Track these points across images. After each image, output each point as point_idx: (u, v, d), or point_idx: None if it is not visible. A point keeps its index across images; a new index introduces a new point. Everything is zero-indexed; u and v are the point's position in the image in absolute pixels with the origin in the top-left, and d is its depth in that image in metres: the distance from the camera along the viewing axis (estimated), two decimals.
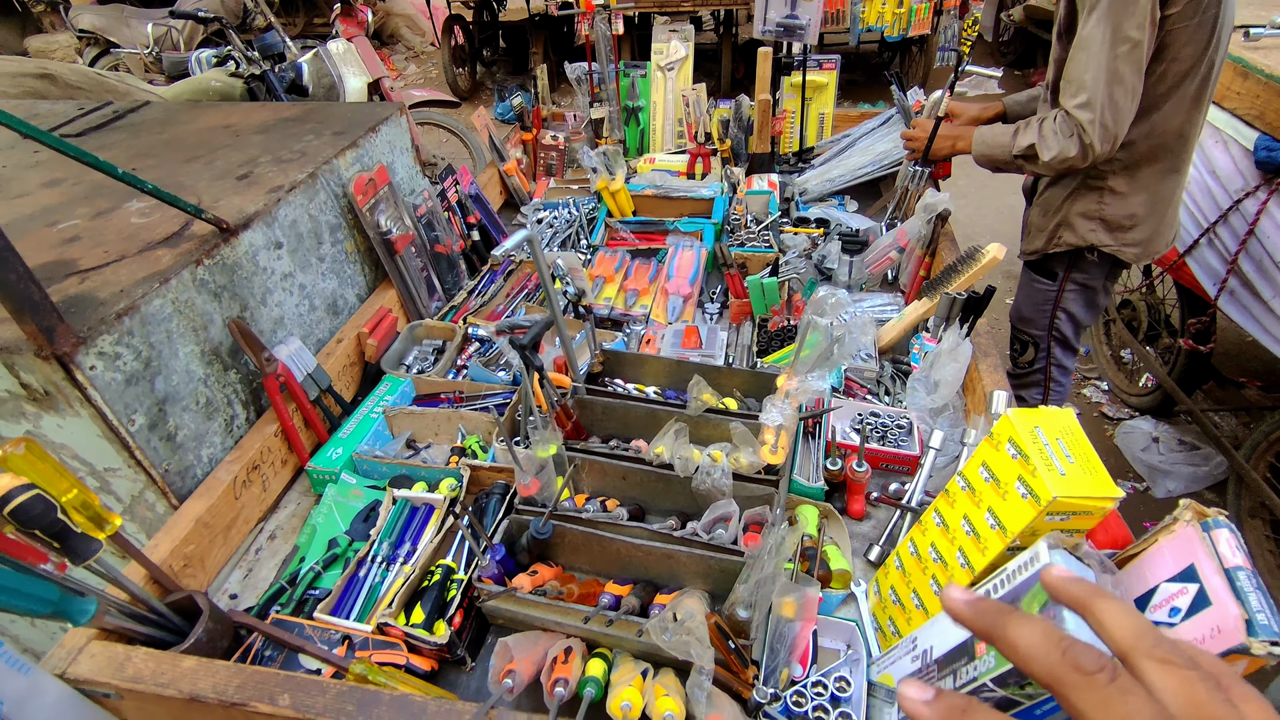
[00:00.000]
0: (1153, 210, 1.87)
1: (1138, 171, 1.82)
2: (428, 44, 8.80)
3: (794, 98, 2.64)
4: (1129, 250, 1.91)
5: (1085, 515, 0.85)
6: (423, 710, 0.95)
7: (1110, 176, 1.85)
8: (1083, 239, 1.94)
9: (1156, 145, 1.78)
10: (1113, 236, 1.91)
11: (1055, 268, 2.06)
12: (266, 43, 3.99)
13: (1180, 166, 1.83)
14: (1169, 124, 1.74)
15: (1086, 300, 2.09)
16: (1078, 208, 1.93)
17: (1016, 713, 0.86)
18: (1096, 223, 1.91)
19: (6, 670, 0.91)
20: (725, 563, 1.16)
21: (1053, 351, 2.21)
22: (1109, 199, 1.87)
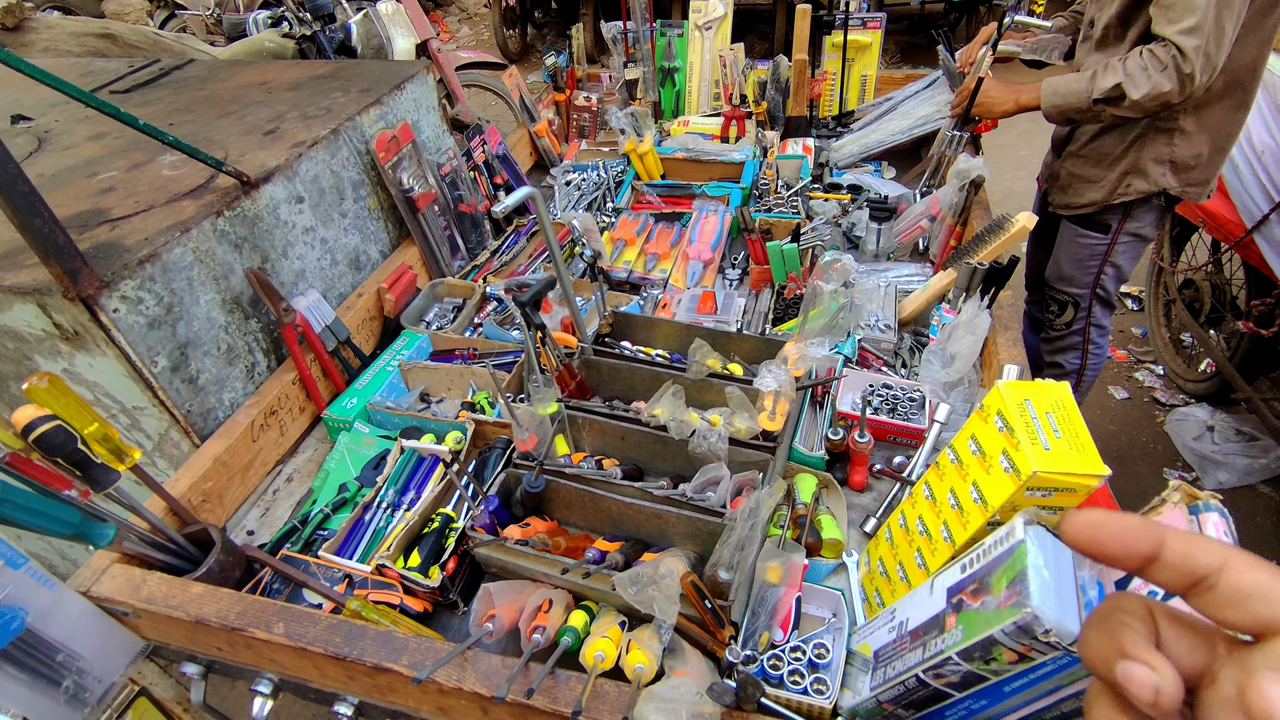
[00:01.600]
0: (1218, 148, 1.80)
1: (1206, 109, 1.73)
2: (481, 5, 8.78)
3: (836, 58, 2.53)
4: (1193, 190, 1.84)
5: (1068, 492, 0.82)
6: (404, 646, 0.99)
7: (1181, 116, 1.76)
8: (1155, 184, 1.85)
9: (1230, 80, 1.68)
10: (1180, 178, 1.83)
11: (1109, 219, 1.98)
12: (317, 3, 4.05)
13: (1247, 102, 1.75)
14: (1245, 57, 1.65)
15: (1135, 252, 2.03)
16: (1149, 153, 1.83)
17: (983, 688, 0.84)
18: (1166, 166, 1.82)
19: (33, 584, 0.99)
20: (712, 525, 1.16)
21: (1093, 310, 2.12)
22: (1179, 140, 1.78)
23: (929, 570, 1.00)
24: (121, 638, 1.13)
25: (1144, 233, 2.01)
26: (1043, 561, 0.75)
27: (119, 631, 1.13)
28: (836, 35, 2.46)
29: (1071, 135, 2.00)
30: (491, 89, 5.01)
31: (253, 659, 1.10)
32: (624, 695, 0.92)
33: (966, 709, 0.88)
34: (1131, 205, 1.94)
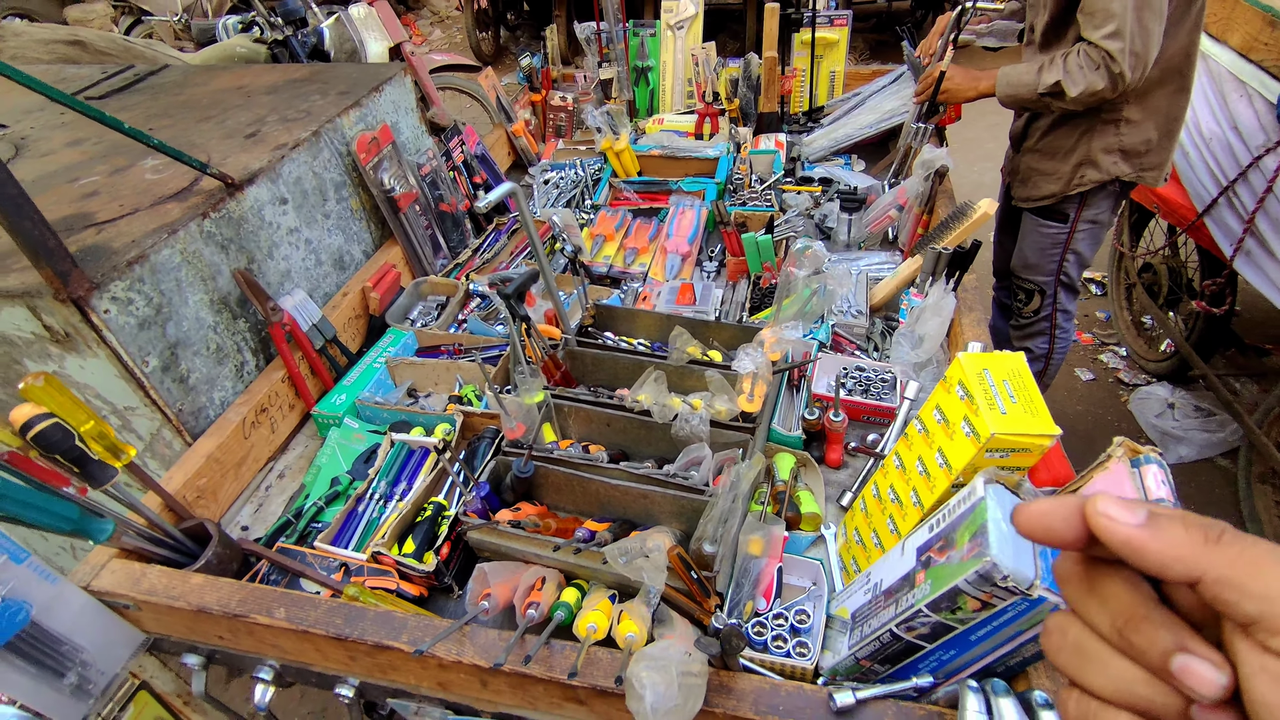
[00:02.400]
0: (1166, 132, 1.89)
1: (1149, 96, 1.82)
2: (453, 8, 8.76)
3: (805, 55, 2.60)
4: (1149, 175, 1.93)
5: (1024, 453, 0.88)
6: (403, 624, 1.03)
7: (1125, 107, 1.85)
8: (1108, 173, 1.94)
9: (1166, 68, 1.78)
10: (1132, 164, 1.92)
11: (1067, 209, 2.07)
12: (289, 8, 4.05)
13: (1187, 86, 1.85)
14: (1176, 45, 1.74)
15: (1095, 238, 2.12)
16: (1098, 144, 1.92)
17: (950, 638, 0.90)
18: (1117, 154, 1.92)
19: (36, 578, 1.01)
20: (696, 502, 1.22)
21: (1059, 296, 2.21)
22: (1125, 129, 1.87)
23: (900, 534, 1.06)
24: (122, 631, 1.16)
25: (1101, 219, 2.10)
26: (1001, 515, 0.81)
27: (120, 625, 1.15)
28: (805, 33, 2.53)
29: (1027, 132, 2.09)
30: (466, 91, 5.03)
31: (254, 646, 1.13)
32: (616, 660, 0.97)
33: (937, 660, 0.94)
34: (1087, 194, 2.03)
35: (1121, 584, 0.34)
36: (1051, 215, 2.12)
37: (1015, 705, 0.80)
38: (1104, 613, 0.34)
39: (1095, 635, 0.34)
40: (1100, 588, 0.34)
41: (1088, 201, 2.04)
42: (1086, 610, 0.34)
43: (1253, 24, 2.17)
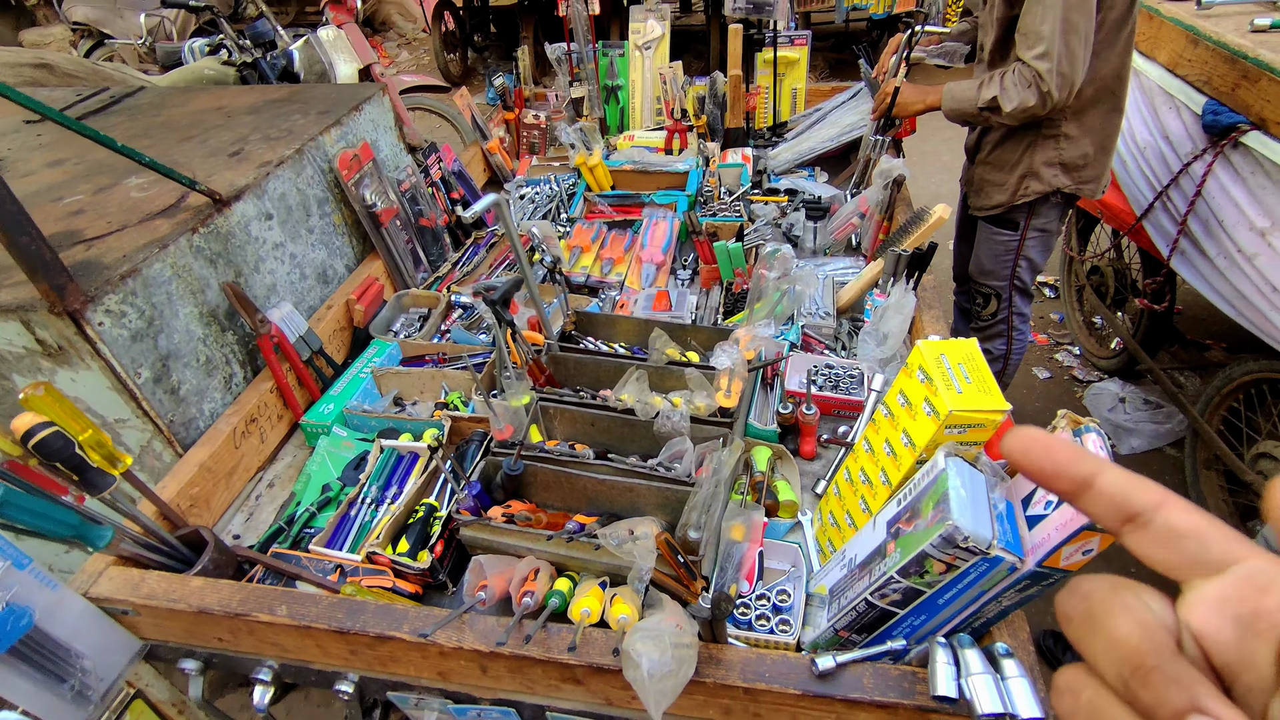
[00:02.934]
0: (1102, 147, 2.03)
1: (1085, 115, 1.96)
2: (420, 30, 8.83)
3: (767, 74, 2.72)
4: (1087, 187, 2.07)
5: (979, 428, 0.97)
6: (404, 615, 1.07)
7: (1063, 123, 1.99)
8: (1049, 184, 2.08)
9: (1100, 88, 1.92)
10: (1072, 177, 2.05)
11: (1017, 218, 2.20)
12: (258, 30, 4.07)
13: (1120, 105, 1.99)
14: (1108, 67, 1.89)
15: (1045, 245, 2.24)
16: (1040, 157, 2.05)
17: (920, 603, 0.98)
18: (1057, 168, 2.05)
19: (37, 584, 1.03)
20: (679, 493, 1.28)
21: (1014, 300, 2.33)
22: (1064, 144, 2.01)
23: (872, 513, 1.13)
24: (120, 637, 1.17)
25: (1050, 228, 2.23)
26: (960, 484, 0.89)
27: (117, 631, 1.17)
28: (767, 52, 2.65)
29: (979, 145, 2.22)
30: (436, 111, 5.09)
31: (254, 646, 1.16)
32: (611, 639, 1.02)
33: (909, 626, 1.01)
34: (1035, 204, 2.16)
35: (1131, 624, 0.29)
36: (1003, 224, 2.25)
37: (979, 655, 0.88)
38: (1110, 658, 0.30)
39: (1113, 697, 0.30)
40: (1106, 627, 0.30)
41: (1035, 211, 2.17)
42: (1093, 653, 0.30)
43: (1177, 42, 2.34)
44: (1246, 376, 2.27)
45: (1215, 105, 2.13)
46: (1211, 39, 2.16)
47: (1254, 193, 1.98)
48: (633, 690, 1.03)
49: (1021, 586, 0.91)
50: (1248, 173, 2.00)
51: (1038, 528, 0.89)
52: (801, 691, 0.95)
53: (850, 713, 0.95)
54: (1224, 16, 2.26)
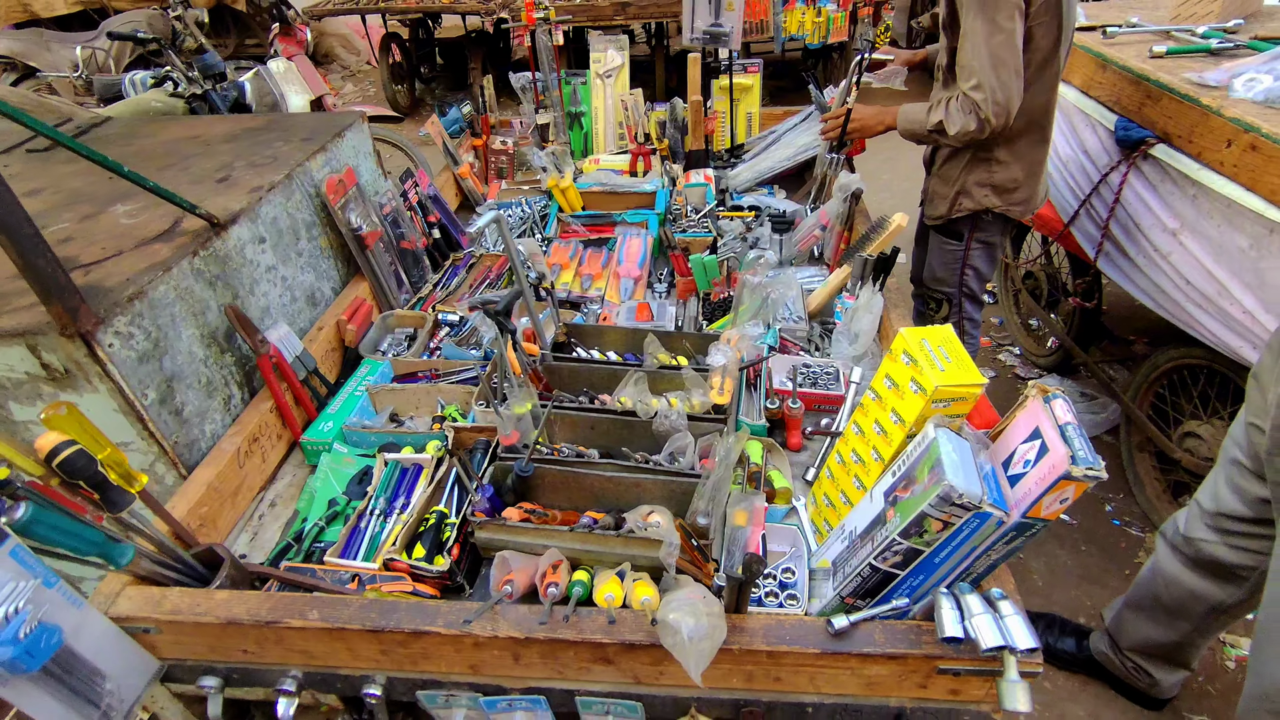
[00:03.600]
0: (1030, 174, 2.23)
1: (1015, 143, 2.17)
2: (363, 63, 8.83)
3: (723, 99, 2.88)
4: (1016, 209, 2.26)
5: (961, 401, 1.09)
6: (437, 610, 1.11)
7: (996, 149, 2.19)
8: (979, 204, 2.27)
9: (1029, 120, 2.12)
10: (1002, 199, 2.25)
11: (960, 229, 2.39)
12: (207, 62, 4.03)
13: (1047, 136, 2.20)
14: (1036, 101, 2.09)
15: (989, 256, 2.43)
16: (973, 178, 2.25)
17: (919, 563, 1.08)
18: (988, 189, 2.24)
19: (64, 602, 1.03)
20: (685, 484, 1.36)
21: (964, 306, 2.51)
22: (996, 168, 2.21)
23: (867, 488, 1.24)
24: (140, 657, 1.17)
25: (992, 240, 2.41)
26: (951, 449, 1.01)
27: (137, 651, 1.16)
28: (723, 79, 2.82)
29: (933, 158, 2.42)
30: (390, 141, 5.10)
31: (280, 656, 1.17)
32: (639, 617, 1.09)
33: (909, 586, 1.11)
34: (976, 218, 2.35)
35: None
36: (950, 234, 2.44)
37: (979, 599, 0.98)
38: None
39: None
40: None
41: (977, 225, 2.36)
42: None
43: (1088, 67, 2.61)
44: (1169, 364, 2.51)
45: (1126, 122, 2.38)
46: (1118, 64, 2.43)
47: (1164, 198, 2.22)
48: (659, 667, 1.10)
49: (1009, 539, 1.02)
50: (1158, 180, 2.25)
51: (1019, 485, 1.01)
52: (820, 650, 1.03)
53: (864, 666, 1.04)
54: (1127, 45, 2.54)
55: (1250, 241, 1.88)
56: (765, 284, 1.66)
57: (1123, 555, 2.60)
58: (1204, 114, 2.02)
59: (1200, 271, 2.06)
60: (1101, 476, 0.92)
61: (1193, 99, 2.06)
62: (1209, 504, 1.66)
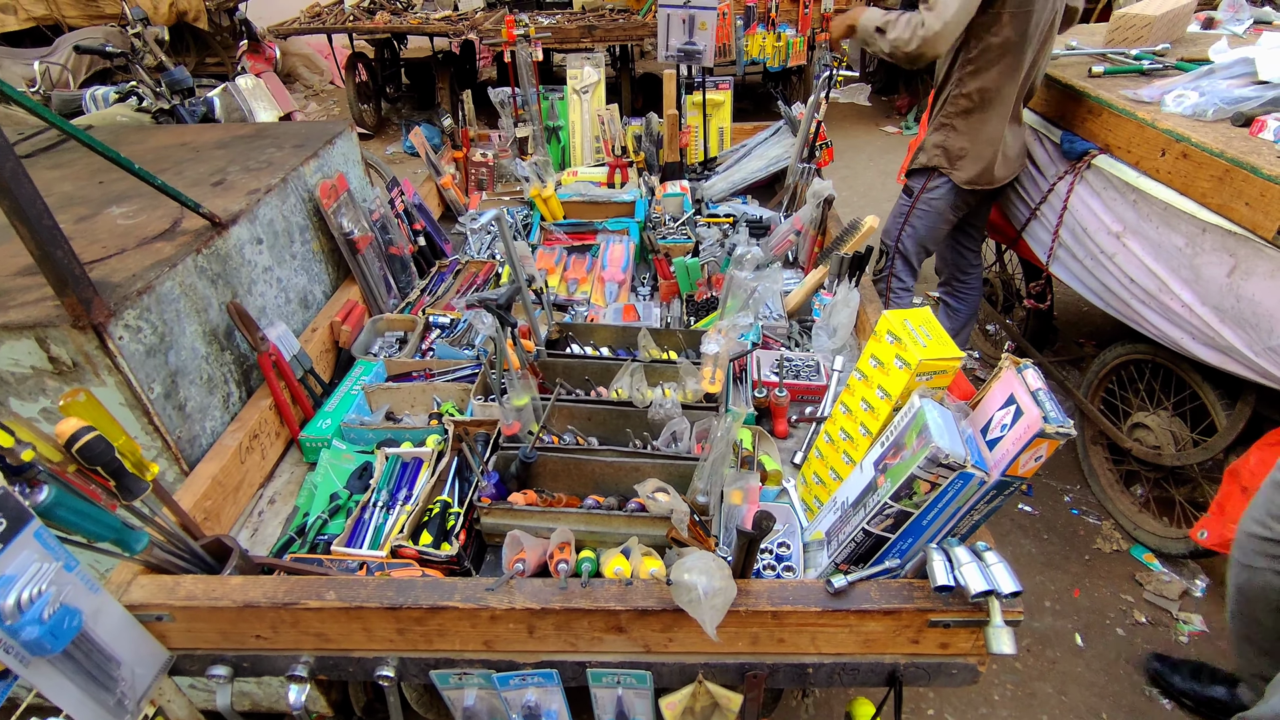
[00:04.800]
0: (978, 148, 2.46)
1: (971, 116, 2.43)
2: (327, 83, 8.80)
3: (696, 114, 3.01)
4: (958, 174, 2.51)
5: (942, 374, 1.19)
6: (454, 587, 1.15)
7: (955, 118, 2.45)
8: (929, 161, 2.55)
9: (984, 98, 2.38)
10: (949, 162, 2.51)
11: (913, 186, 2.64)
12: (175, 77, 4.00)
13: (994, 118, 2.43)
14: (992, 83, 2.35)
15: (929, 223, 2.64)
16: (931, 139, 2.53)
17: (908, 525, 1.16)
18: (941, 151, 2.51)
19: (83, 587, 1.04)
20: (683, 467, 1.42)
21: (895, 262, 2.70)
22: (951, 134, 2.48)
23: (856, 461, 1.32)
24: (151, 646, 1.17)
25: (935, 205, 2.62)
26: (936, 414, 1.10)
27: (149, 640, 1.16)
28: (696, 95, 2.94)
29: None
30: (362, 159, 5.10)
31: (294, 640, 1.19)
32: (649, 589, 1.14)
33: (899, 549, 1.20)
34: (930, 179, 2.57)
35: None
36: (907, 190, 2.70)
37: (967, 550, 1.07)
38: None
39: None
40: None
41: (927, 185, 2.60)
42: None
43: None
44: (1117, 359, 2.68)
45: (1070, 136, 2.57)
46: (1061, 82, 2.62)
47: (1108, 204, 2.40)
48: (670, 634, 1.15)
49: (990, 498, 1.11)
50: (1101, 188, 2.43)
51: (997, 447, 1.11)
52: (821, 608, 1.10)
53: (862, 622, 1.12)
54: (1069, 65, 2.75)
55: (1185, 240, 2.06)
56: (751, 279, 1.75)
57: (1081, 542, 2.75)
58: (1140, 126, 2.21)
59: (1143, 270, 2.23)
60: (1071, 433, 1.02)
61: (1130, 113, 2.25)
62: (1261, 530, 1.66)
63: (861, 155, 2.49)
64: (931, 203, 2.61)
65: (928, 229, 2.67)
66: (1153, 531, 2.65)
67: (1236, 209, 1.89)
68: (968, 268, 3.06)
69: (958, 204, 2.63)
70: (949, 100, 2.47)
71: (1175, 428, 2.49)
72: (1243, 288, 1.90)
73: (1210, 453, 2.31)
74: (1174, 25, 2.82)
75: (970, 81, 2.37)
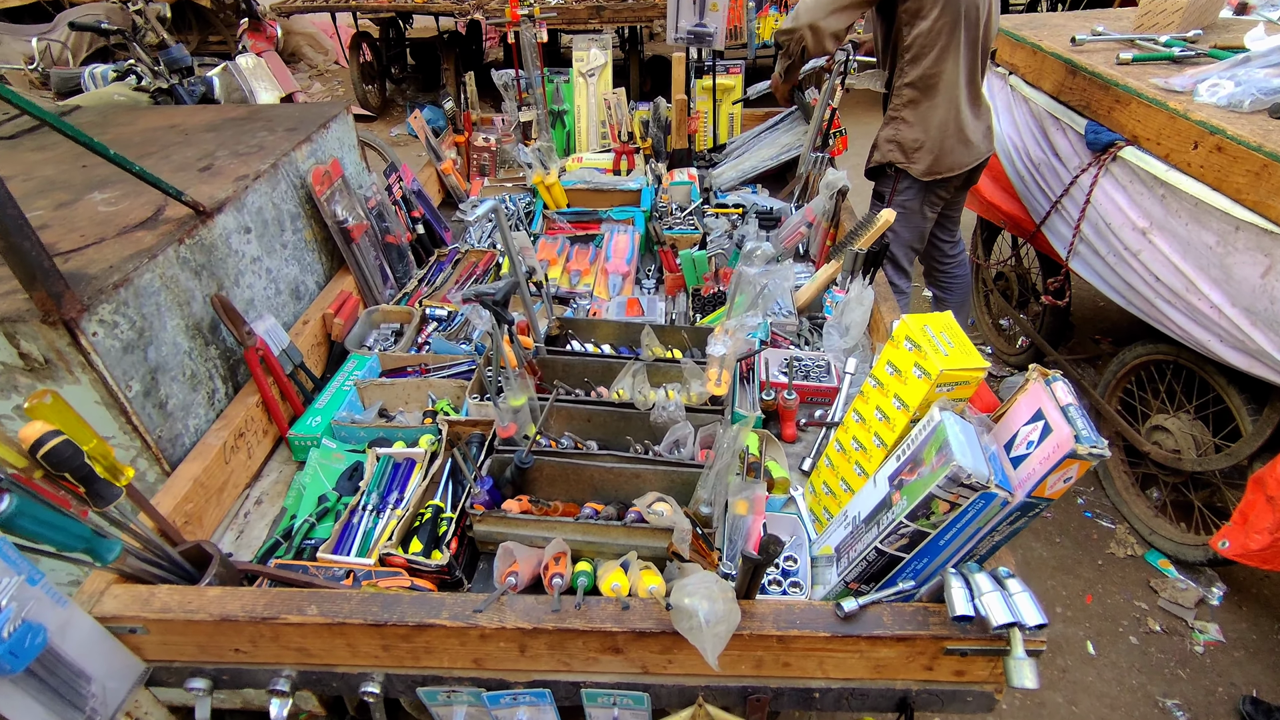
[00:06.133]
0: (929, 137, 2.40)
1: (918, 106, 2.38)
2: (331, 63, 8.68)
3: (706, 99, 2.91)
4: (915, 167, 2.45)
5: (964, 385, 1.11)
6: (441, 603, 1.09)
7: (903, 109, 2.41)
8: (884, 157, 2.49)
9: (928, 85, 2.34)
10: (904, 155, 2.45)
11: (883, 190, 2.59)
12: (173, 56, 3.91)
13: (945, 104, 2.37)
14: (934, 69, 2.31)
15: (908, 221, 2.57)
16: (884, 134, 2.49)
17: (924, 546, 1.09)
18: (894, 144, 2.46)
19: (49, 601, 0.98)
20: (686, 475, 1.36)
21: (885, 269, 2.64)
22: (902, 127, 2.43)
23: (869, 474, 1.25)
24: (125, 659, 1.12)
25: (909, 206, 2.55)
26: (958, 429, 1.02)
27: (123, 652, 1.11)
28: (706, 80, 2.84)
29: None
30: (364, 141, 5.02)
31: (275, 654, 1.13)
32: (647, 608, 1.08)
33: (913, 570, 1.13)
34: (898, 181, 2.52)
35: None
36: (877, 195, 2.65)
37: (988, 577, 1.00)
38: None
39: None
40: None
41: (895, 188, 2.54)
42: None
43: (1058, 73, 2.69)
44: (1137, 360, 2.59)
45: (1095, 126, 2.46)
46: (1087, 70, 2.51)
47: (1134, 198, 2.30)
48: (669, 655, 1.09)
49: (1013, 519, 1.04)
50: (1127, 181, 2.33)
51: (1022, 465, 1.03)
52: (830, 633, 1.04)
53: (873, 648, 1.05)
54: (1094, 52, 2.63)
55: (1217, 238, 1.96)
56: (761, 275, 1.67)
57: (1094, 546, 2.68)
58: (1171, 117, 2.10)
59: (1169, 268, 2.14)
60: (1105, 454, 0.95)
61: (1160, 103, 2.14)
62: None
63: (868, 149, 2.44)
64: (905, 204, 2.55)
65: (909, 230, 2.62)
66: (1169, 537, 2.57)
67: (1274, 206, 1.79)
68: (944, 255, 3.00)
69: (931, 199, 2.58)
70: (894, 92, 2.43)
71: (1197, 431, 2.41)
72: (1278, 289, 1.80)
73: (1234, 459, 2.22)
74: (1206, 10, 2.70)
75: (910, 70, 2.33)
